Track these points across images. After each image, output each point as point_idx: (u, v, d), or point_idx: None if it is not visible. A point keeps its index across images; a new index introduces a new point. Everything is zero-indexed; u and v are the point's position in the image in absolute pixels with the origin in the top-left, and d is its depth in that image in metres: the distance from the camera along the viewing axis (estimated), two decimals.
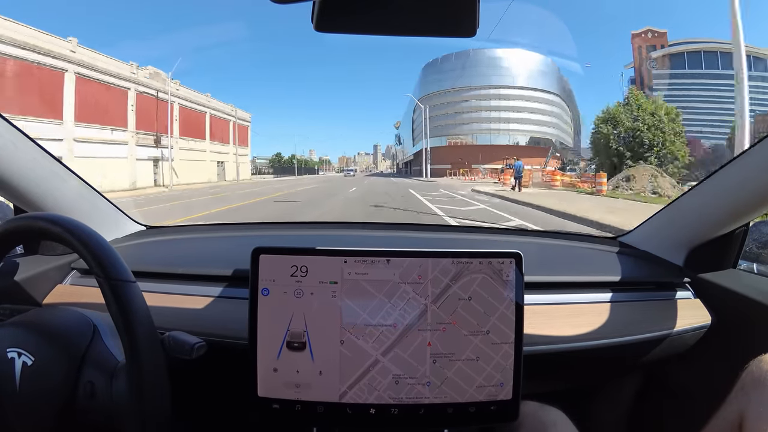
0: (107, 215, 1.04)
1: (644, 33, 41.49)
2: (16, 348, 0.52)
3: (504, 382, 0.56)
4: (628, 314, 0.81)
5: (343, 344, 0.56)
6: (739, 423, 0.60)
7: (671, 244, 0.93)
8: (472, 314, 0.56)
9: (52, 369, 0.52)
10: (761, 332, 0.74)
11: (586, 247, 1.07)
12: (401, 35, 0.46)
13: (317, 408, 0.56)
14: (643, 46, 40.31)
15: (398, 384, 0.55)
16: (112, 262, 0.51)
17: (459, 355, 0.56)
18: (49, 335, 0.54)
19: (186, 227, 1.27)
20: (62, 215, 0.55)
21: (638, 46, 40.36)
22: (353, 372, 0.55)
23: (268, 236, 1.23)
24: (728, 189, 0.77)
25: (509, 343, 0.56)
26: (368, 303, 0.56)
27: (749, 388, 0.59)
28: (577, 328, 0.75)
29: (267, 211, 8.24)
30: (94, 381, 0.53)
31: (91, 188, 0.96)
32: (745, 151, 0.72)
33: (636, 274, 0.91)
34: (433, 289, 0.56)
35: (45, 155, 0.81)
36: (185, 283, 0.83)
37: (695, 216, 0.86)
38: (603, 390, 1.00)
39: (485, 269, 0.57)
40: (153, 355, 0.51)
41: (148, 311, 0.52)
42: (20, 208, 0.84)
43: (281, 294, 0.56)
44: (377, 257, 0.56)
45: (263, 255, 0.56)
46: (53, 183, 0.84)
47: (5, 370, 0.51)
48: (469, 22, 0.42)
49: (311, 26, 0.42)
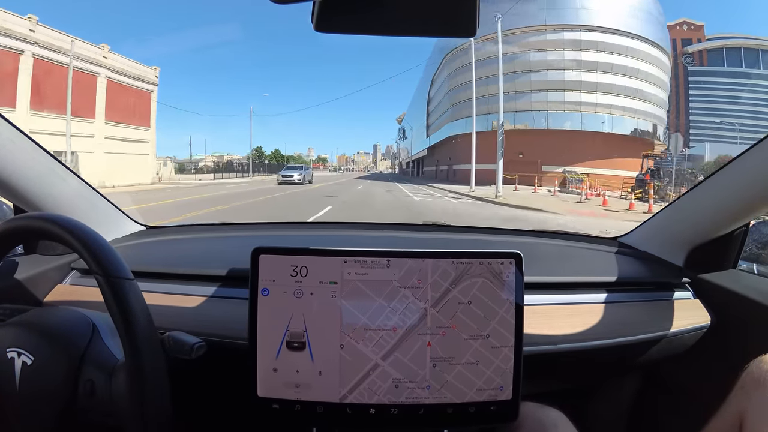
0: (107, 215, 1.04)
1: (679, 25, 35.65)
2: (16, 348, 0.52)
3: (504, 385, 0.56)
4: (627, 314, 0.81)
5: (343, 348, 0.56)
6: (739, 423, 0.60)
7: (671, 244, 0.93)
8: (472, 318, 0.56)
9: (51, 369, 0.52)
10: (761, 333, 0.74)
11: (585, 248, 1.07)
12: (401, 35, 0.46)
13: (317, 408, 0.56)
14: (678, 39, 34.03)
15: (398, 388, 0.55)
16: (110, 260, 0.51)
17: (459, 359, 0.56)
18: (49, 335, 0.54)
19: (186, 227, 1.27)
20: (62, 215, 0.55)
21: (672, 39, 31.42)
22: (353, 376, 0.55)
23: (268, 236, 1.23)
24: (728, 189, 0.77)
25: (509, 346, 0.56)
26: (368, 306, 0.56)
27: (749, 389, 0.59)
28: (576, 328, 0.75)
29: None
30: (94, 380, 0.53)
31: (91, 188, 0.96)
32: (745, 151, 0.72)
33: (636, 275, 0.91)
34: (432, 293, 0.56)
35: (44, 154, 0.81)
36: (185, 283, 0.83)
37: (695, 216, 0.86)
38: (603, 390, 1.00)
39: (485, 272, 0.57)
40: (153, 354, 0.51)
41: (147, 310, 0.52)
42: (20, 208, 0.84)
43: (281, 294, 0.56)
44: (377, 257, 0.56)
45: (263, 255, 0.56)
46: (52, 182, 0.84)
47: (5, 370, 0.51)
48: (469, 22, 0.42)
49: (311, 26, 0.42)
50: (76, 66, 16.07)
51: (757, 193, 0.72)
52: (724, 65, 32.18)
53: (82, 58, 16.52)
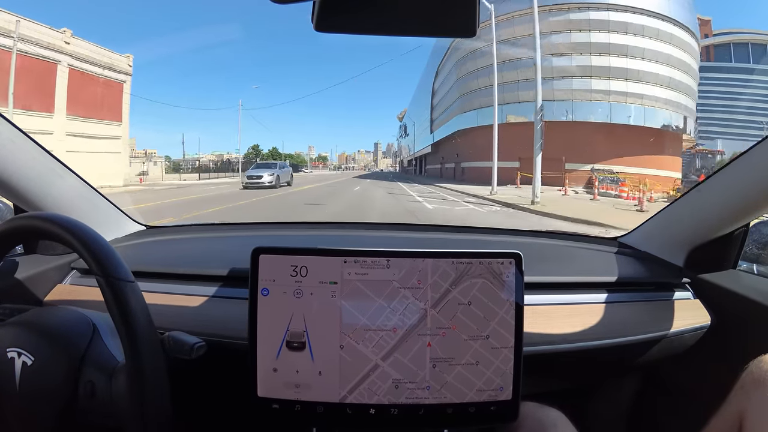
0: (107, 215, 1.04)
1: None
2: (16, 348, 0.52)
3: (504, 386, 0.56)
4: (627, 314, 0.81)
5: (343, 349, 0.56)
6: (738, 423, 0.60)
7: (671, 244, 0.93)
8: (472, 319, 0.56)
9: (52, 369, 0.52)
10: (761, 333, 0.74)
11: (585, 248, 1.07)
12: (401, 35, 0.46)
13: (317, 408, 0.56)
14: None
15: (398, 388, 0.55)
16: (112, 261, 0.51)
17: (459, 360, 0.56)
18: (49, 335, 0.54)
19: (186, 227, 1.27)
20: (62, 215, 0.55)
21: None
22: (353, 376, 0.55)
23: (268, 236, 1.23)
24: (728, 189, 0.77)
25: (509, 347, 0.56)
26: (368, 306, 0.56)
27: (749, 388, 0.59)
28: (576, 328, 0.75)
29: None
30: (94, 381, 0.53)
31: (91, 187, 0.96)
32: (746, 151, 0.72)
33: (636, 275, 0.91)
34: (432, 294, 0.56)
35: (44, 153, 0.81)
36: (185, 283, 0.83)
37: (695, 216, 0.86)
38: (603, 390, 1.00)
39: (485, 273, 0.57)
40: (153, 356, 0.51)
41: (147, 311, 0.52)
42: (20, 208, 0.84)
43: (281, 294, 0.56)
44: (377, 257, 0.56)
45: (263, 255, 0.56)
46: (52, 181, 0.84)
47: (5, 370, 0.51)
48: (469, 22, 0.42)
49: (311, 26, 0.42)
50: (28, 51, 13.88)
51: (758, 193, 0.72)
52: (732, 61, 30.23)
53: (34, 42, 14.17)
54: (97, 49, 17.43)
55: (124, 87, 18.72)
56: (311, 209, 8.17)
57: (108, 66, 17.82)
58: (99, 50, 17.57)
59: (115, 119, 17.92)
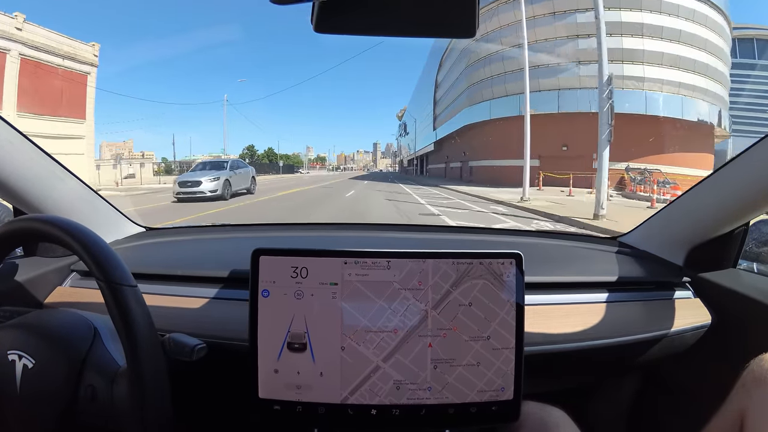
0: (107, 217, 1.04)
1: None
2: (17, 350, 0.52)
3: (505, 386, 0.56)
4: (628, 314, 0.81)
5: (344, 350, 0.55)
6: (740, 422, 0.60)
7: (671, 243, 0.93)
8: (473, 320, 0.56)
9: (53, 372, 0.52)
10: (761, 331, 0.74)
11: (585, 247, 1.08)
12: (401, 36, 0.46)
13: (318, 409, 0.56)
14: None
15: (399, 389, 0.55)
16: (112, 265, 0.51)
17: (460, 361, 0.56)
18: (50, 338, 0.54)
19: (186, 228, 1.27)
20: (62, 217, 0.54)
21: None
22: (354, 377, 0.55)
23: (268, 237, 1.23)
24: (728, 188, 0.77)
25: (510, 348, 0.56)
26: (369, 307, 0.56)
27: (750, 387, 0.59)
28: (577, 327, 0.75)
29: None
30: (95, 385, 0.53)
31: (91, 189, 0.96)
32: (745, 150, 0.72)
33: (636, 274, 0.91)
34: (433, 295, 0.56)
35: (43, 155, 0.81)
36: (185, 284, 0.83)
37: (695, 215, 0.86)
38: (603, 389, 1.00)
39: (486, 274, 0.56)
40: (154, 359, 0.51)
41: (149, 315, 0.52)
42: (19, 210, 0.84)
43: (281, 295, 0.56)
44: (377, 258, 0.56)
45: (263, 256, 0.56)
46: (52, 184, 0.84)
47: (6, 373, 0.51)
48: (469, 22, 0.42)
49: (311, 27, 0.42)
50: None
51: (758, 191, 0.72)
52: (737, 56, 26.40)
53: None
54: (56, 37, 15.03)
55: (88, 80, 16.08)
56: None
57: (69, 56, 15.36)
58: (58, 38, 15.15)
59: (77, 116, 15.44)
